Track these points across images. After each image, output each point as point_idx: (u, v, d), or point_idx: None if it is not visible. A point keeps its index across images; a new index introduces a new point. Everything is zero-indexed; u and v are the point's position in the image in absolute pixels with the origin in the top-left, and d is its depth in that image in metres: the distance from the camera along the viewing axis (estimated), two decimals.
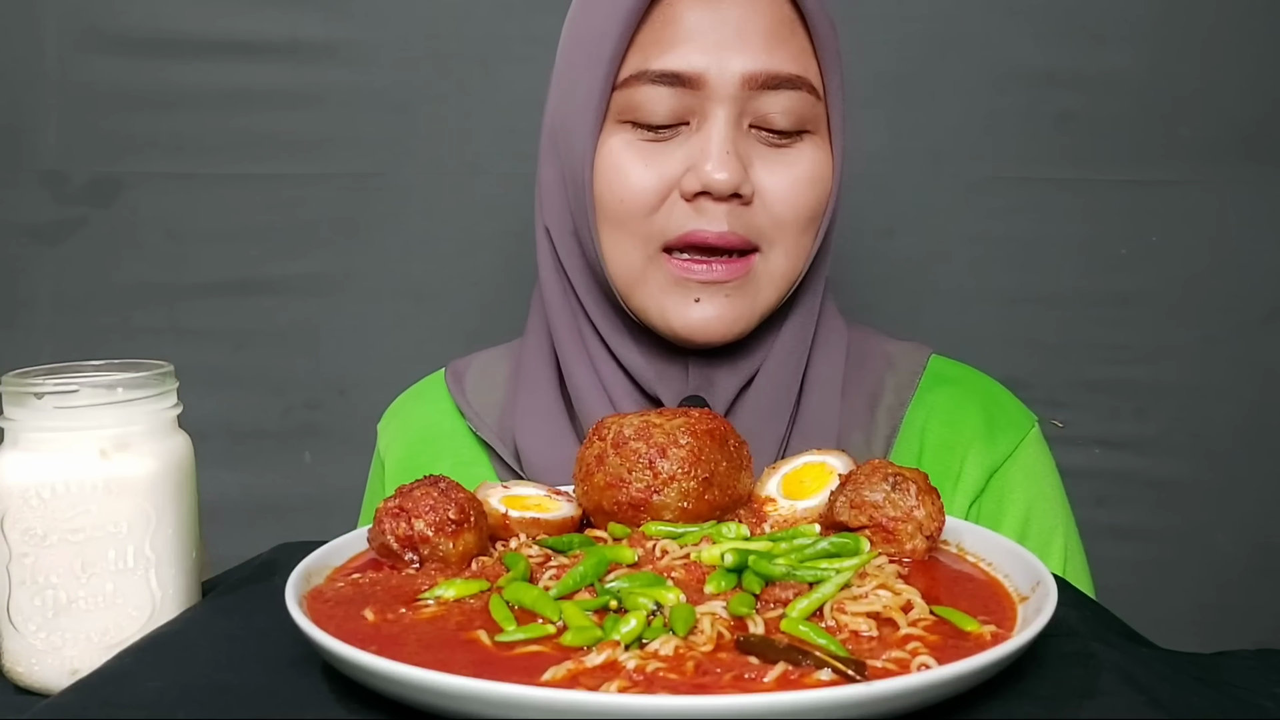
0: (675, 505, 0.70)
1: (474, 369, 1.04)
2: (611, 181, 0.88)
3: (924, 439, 0.95)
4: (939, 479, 0.92)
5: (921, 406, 0.97)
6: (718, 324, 0.88)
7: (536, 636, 0.55)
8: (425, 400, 1.05)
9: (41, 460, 0.62)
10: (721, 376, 0.93)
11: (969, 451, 0.95)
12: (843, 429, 0.94)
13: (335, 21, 1.36)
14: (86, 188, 1.37)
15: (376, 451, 1.07)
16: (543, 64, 1.38)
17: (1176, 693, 0.53)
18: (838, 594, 0.59)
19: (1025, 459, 0.96)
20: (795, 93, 0.87)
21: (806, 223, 0.90)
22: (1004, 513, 0.94)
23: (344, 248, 1.40)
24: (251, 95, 1.36)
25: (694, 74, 0.85)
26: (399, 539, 0.65)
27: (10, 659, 0.63)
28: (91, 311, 1.37)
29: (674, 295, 0.88)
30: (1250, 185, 1.40)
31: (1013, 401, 1.01)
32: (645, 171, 0.87)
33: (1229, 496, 1.44)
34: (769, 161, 0.88)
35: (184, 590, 0.66)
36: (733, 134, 0.86)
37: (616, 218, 0.89)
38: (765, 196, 0.88)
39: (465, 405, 1.00)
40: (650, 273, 0.89)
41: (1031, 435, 0.98)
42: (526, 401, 0.97)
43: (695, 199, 0.87)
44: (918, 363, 0.99)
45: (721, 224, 0.86)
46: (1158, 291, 1.42)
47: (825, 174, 0.91)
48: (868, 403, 0.96)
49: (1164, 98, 1.39)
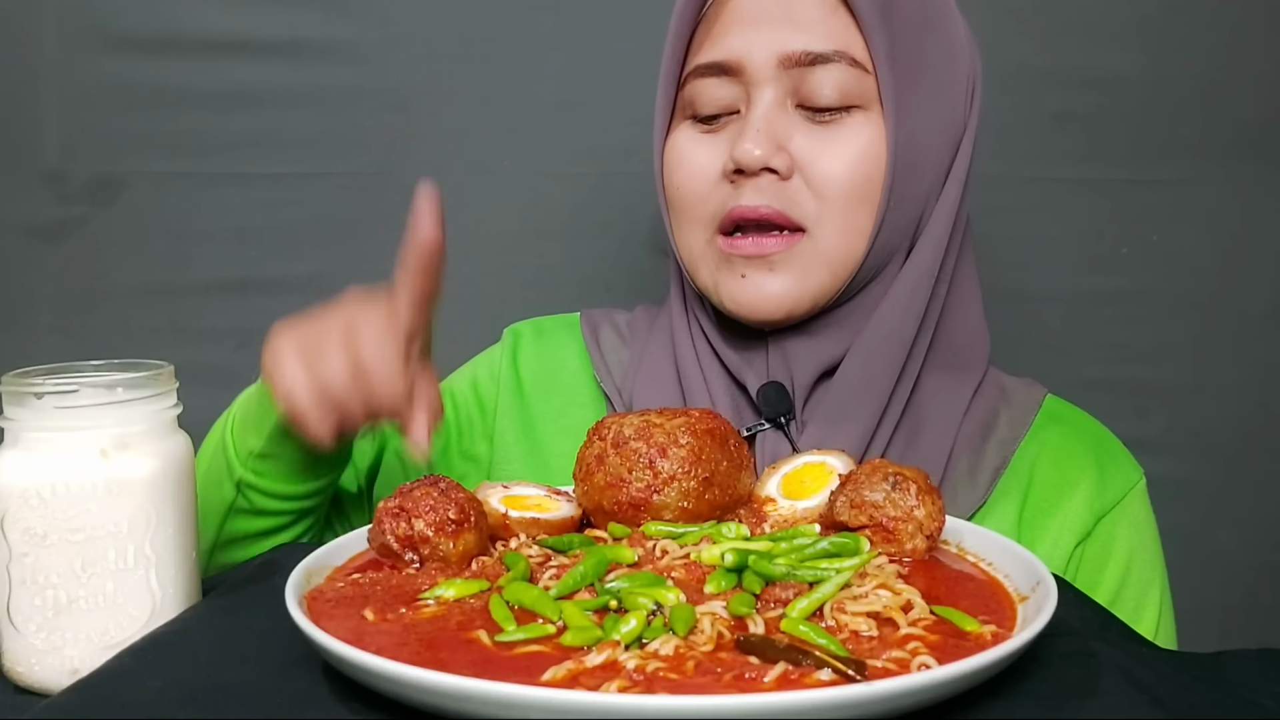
0: (675, 505, 0.70)
1: (607, 324, 1.07)
2: (675, 172, 0.94)
3: (1033, 475, 0.94)
4: (1045, 515, 0.93)
5: (1033, 443, 0.96)
6: (763, 300, 0.89)
7: (536, 636, 0.55)
8: (562, 333, 1.07)
9: (41, 460, 0.62)
10: (799, 360, 0.93)
11: (1078, 492, 0.94)
12: (953, 454, 0.92)
13: (335, 21, 1.36)
14: (87, 187, 1.36)
15: (498, 354, 1.06)
16: (543, 64, 1.39)
17: (1177, 692, 0.53)
18: (838, 594, 0.59)
19: (1132, 509, 0.96)
20: (835, 66, 0.87)
21: (857, 200, 0.88)
22: (1108, 560, 0.93)
23: (344, 248, 1.40)
24: (251, 95, 1.36)
25: (733, 61, 0.89)
26: (399, 539, 0.65)
27: (10, 659, 0.63)
28: (91, 311, 1.37)
29: (724, 274, 0.91)
30: (1250, 185, 1.40)
31: (1123, 450, 1.00)
32: (699, 159, 0.92)
33: (1229, 496, 1.44)
34: (812, 138, 0.88)
35: (184, 590, 0.66)
36: (770, 113, 0.88)
37: (679, 205, 0.94)
38: (807, 173, 0.88)
39: (597, 355, 1.03)
40: (708, 255, 0.92)
41: (1140, 486, 0.97)
42: (649, 367, 0.99)
43: (735, 177, 0.89)
44: (1034, 399, 0.99)
45: (758, 198, 0.88)
46: (1158, 291, 1.42)
47: (875, 148, 0.88)
48: (980, 431, 0.95)
49: (1164, 98, 1.39)
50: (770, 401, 0.91)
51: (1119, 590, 0.93)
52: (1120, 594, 0.93)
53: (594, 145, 1.38)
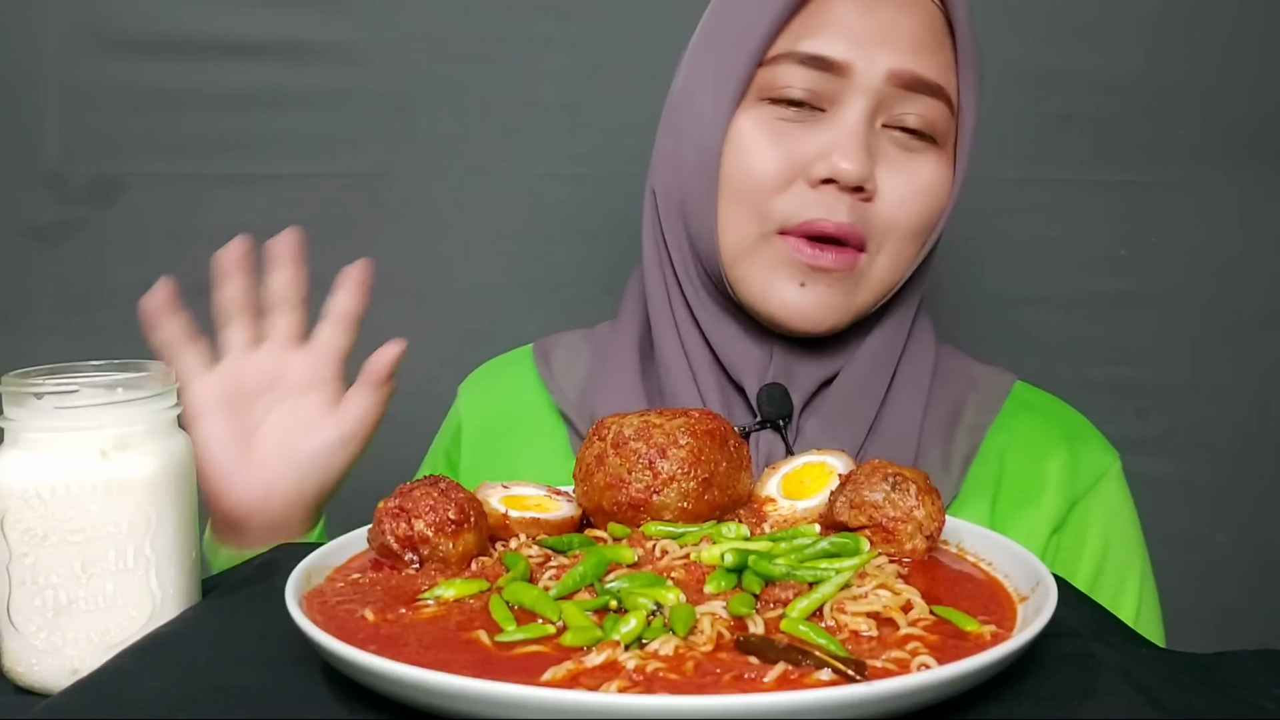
0: (675, 505, 0.70)
1: (560, 347, 1.06)
2: (741, 155, 0.89)
3: (1004, 463, 0.95)
4: (1019, 505, 0.93)
5: (1003, 430, 0.96)
6: (815, 311, 0.89)
7: (536, 636, 0.55)
8: (512, 371, 1.08)
9: (41, 460, 0.62)
10: (803, 369, 0.93)
11: (1050, 480, 0.94)
12: (922, 442, 0.93)
13: (335, 21, 1.36)
14: (87, 188, 1.37)
15: (454, 414, 1.09)
16: (543, 65, 1.39)
17: (1176, 693, 0.53)
18: (837, 594, 0.59)
19: (1106, 494, 0.96)
20: (933, 100, 0.88)
21: (916, 232, 0.91)
22: (1083, 547, 0.94)
23: (344, 248, 1.39)
24: (251, 95, 1.36)
25: (842, 61, 0.87)
26: (399, 539, 0.65)
27: (10, 659, 0.63)
28: (91, 311, 1.37)
29: (780, 274, 0.89)
30: (1250, 185, 1.40)
31: (1096, 435, 1.00)
32: (775, 151, 0.89)
33: (1229, 496, 1.44)
34: (894, 163, 0.89)
35: (184, 590, 0.66)
36: (867, 128, 0.87)
37: (740, 192, 0.90)
38: (884, 197, 0.89)
39: (550, 379, 1.02)
40: (761, 249, 0.90)
41: (1113, 470, 0.97)
42: (609, 380, 0.98)
43: (820, 186, 0.87)
44: (1002, 387, 0.99)
45: (842, 215, 0.87)
46: (1157, 292, 1.42)
47: (944, 188, 0.91)
48: (948, 419, 0.95)
49: (1164, 98, 1.39)
50: (774, 402, 0.91)
51: (1096, 576, 0.93)
52: (1098, 580, 0.93)
53: (594, 147, 1.38)
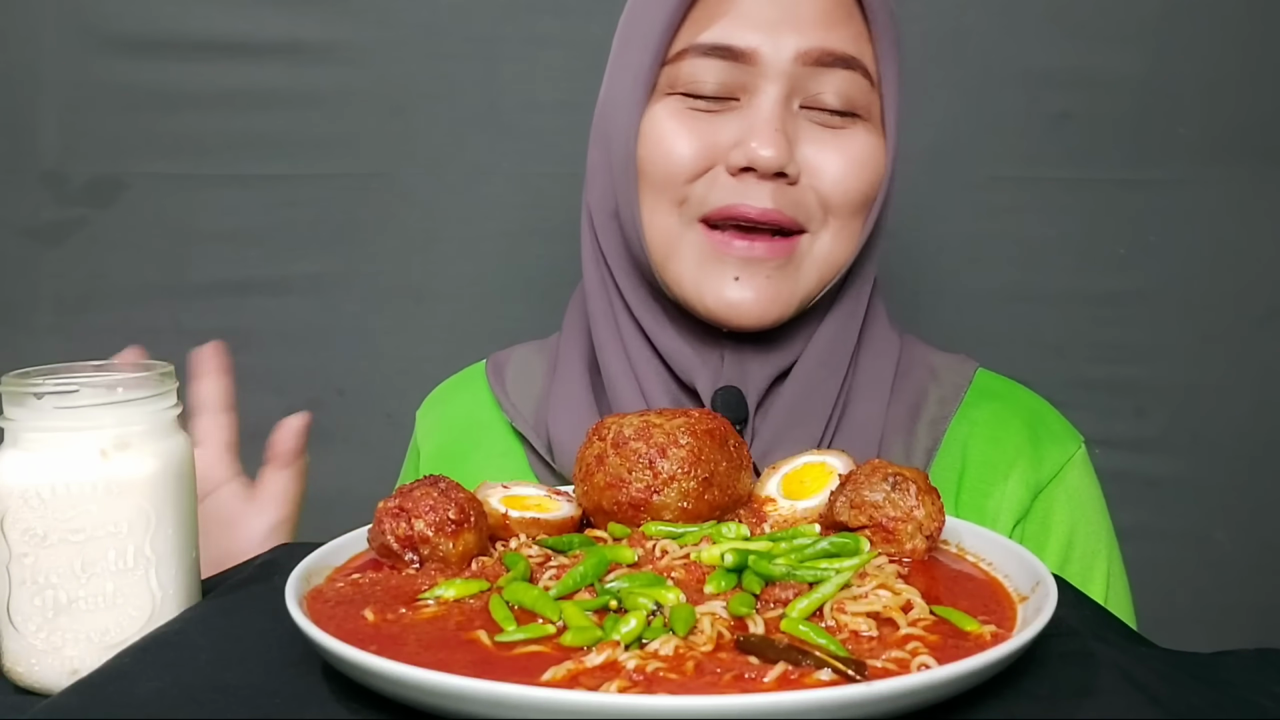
0: (675, 505, 0.70)
1: (514, 361, 1.04)
2: (655, 144, 0.88)
3: (966, 455, 0.93)
4: (982, 496, 0.91)
5: (965, 421, 0.94)
6: (755, 305, 0.87)
7: (536, 636, 0.55)
8: (465, 390, 1.06)
9: (41, 460, 0.62)
10: (755, 366, 0.91)
11: (1013, 470, 0.92)
12: (884, 437, 0.92)
13: (335, 21, 1.36)
14: (86, 188, 1.37)
15: (414, 439, 1.08)
16: (542, 65, 1.39)
17: (1176, 692, 0.53)
18: (838, 594, 0.59)
19: (1070, 481, 0.94)
20: (848, 73, 0.86)
21: (856, 207, 0.89)
22: (1048, 536, 0.92)
23: (344, 248, 1.40)
24: (251, 95, 1.36)
25: (746, 49, 0.85)
26: (399, 539, 0.65)
27: (10, 659, 0.63)
28: (91, 311, 1.37)
29: (711, 270, 0.87)
30: (1249, 185, 1.40)
31: (1059, 420, 0.98)
32: (690, 137, 0.87)
33: (1229, 496, 1.44)
34: (819, 142, 0.87)
35: (184, 590, 0.66)
36: (782, 112, 0.85)
37: (657, 182, 0.88)
38: (814, 177, 0.87)
39: (503, 397, 1.00)
40: (686, 242, 0.88)
41: (1077, 456, 0.95)
42: (560, 393, 0.96)
43: (741, 174, 0.86)
44: (963, 376, 0.97)
45: (765, 201, 0.85)
46: (1157, 291, 1.42)
47: (877, 160, 0.89)
48: (909, 413, 0.94)
49: (1164, 98, 1.39)
50: (730, 407, 0.89)
51: (1062, 565, 0.91)
52: (1064, 569, 0.91)
53: None
